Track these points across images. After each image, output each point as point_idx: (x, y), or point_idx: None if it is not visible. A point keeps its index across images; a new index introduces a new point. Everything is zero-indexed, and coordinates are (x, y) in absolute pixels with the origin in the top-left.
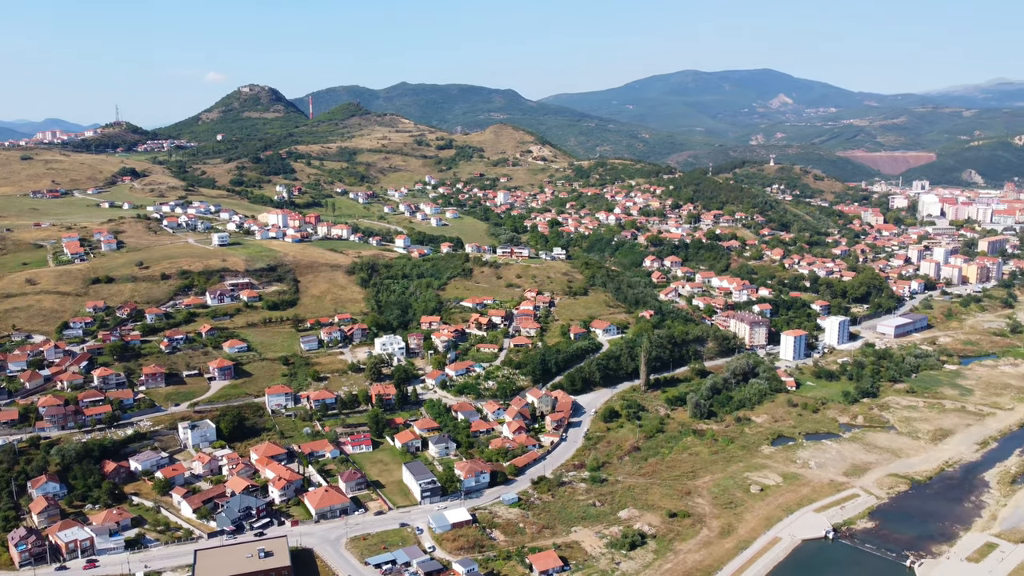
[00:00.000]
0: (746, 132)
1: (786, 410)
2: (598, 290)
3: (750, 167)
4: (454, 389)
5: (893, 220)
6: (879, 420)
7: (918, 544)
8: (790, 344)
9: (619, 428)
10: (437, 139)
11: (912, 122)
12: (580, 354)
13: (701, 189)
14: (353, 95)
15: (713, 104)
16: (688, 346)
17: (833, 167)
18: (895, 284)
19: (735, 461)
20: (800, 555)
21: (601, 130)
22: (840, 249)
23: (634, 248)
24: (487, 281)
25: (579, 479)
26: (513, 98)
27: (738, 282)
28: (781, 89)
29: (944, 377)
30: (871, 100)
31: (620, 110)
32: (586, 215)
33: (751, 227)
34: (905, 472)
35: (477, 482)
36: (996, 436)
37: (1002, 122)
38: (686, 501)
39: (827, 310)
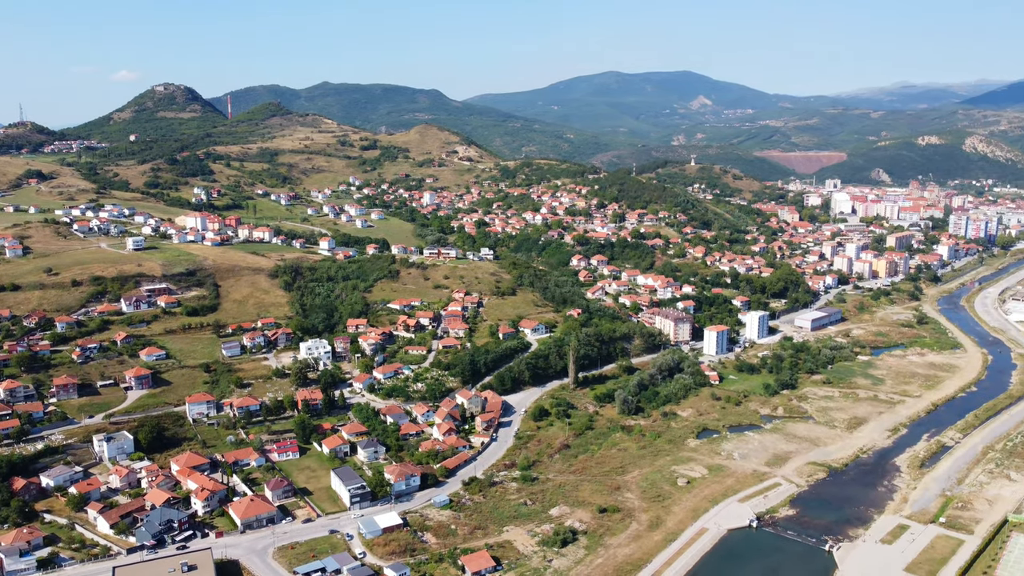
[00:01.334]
0: (668, 132)
1: (710, 404)
2: (526, 290)
3: (672, 167)
4: (382, 392)
5: (808, 218)
6: (798, 411)
7: (836, 529)
8: (713, 339)
9: (549, 426)
10: (361, 140)
11: (824, 123)
12: (509, 354)
13: (626, 189)
14: (274, 95)
15: (636, 105)
16: (615, 343)
17: (751, 167)
18: (811, 279)
19: (662, 455)
20: (726, 544)
21: (527, 130)
22: (759, 246)
23: (561, 247)
24: (414, 282)
25: (510, 478)
26: (438, 98)
27: (663, 280)
28: (701, 91)
29: (857, 368)
30: (786, 102)
31: (545, 111)
32: (513, 215)
33: (674, 226)
34: (823, 460)
35: (408, 485)
36: (906, 423)
37: (906, 123)
38: (616, 496)
39: (747, 305)
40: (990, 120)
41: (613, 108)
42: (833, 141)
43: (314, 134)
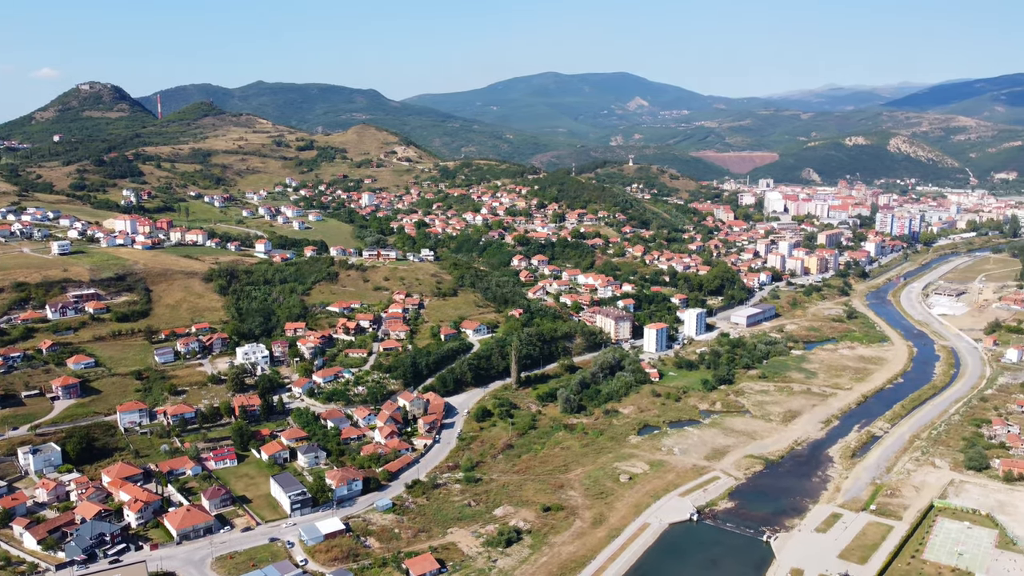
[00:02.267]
0: (606, 133)
1: (651, 400)
2: (467, 290)
3: (611, 167)
4: (323, 396)
5: (742, 216)
6: (735, 405)
7: (773, 520)
8: (653, 337)
9: (492, 427)
10: (297, 140)
11: (757, 124)
12: (451, 355)
13: (565, 189)
14: (206, 94)
15: (574, 106)
16: (557, 343)
17: (687, 167)
18: (746, 276)
19: (605, 452)
20: (668, 538)
21: (466, 131)
22: (696, 245)
23: (502, 248)
24: (354, 284)
25: (454, 480)
26: (376, 98)
27: (603, 279)
28: (637, 92)
29: (791, 362)
30: (720, 103)
31: (484, 111)
32: (453, 216)
33: (614, 225)
34: (760, 453)
35: (349, 490)
36: (838, 414)
37: (834, 124)
38: (559, 494)
39: (686, 303)
40: (912, 121)
41: (552, 108)
42: (765, 142)
43: (249, 134)
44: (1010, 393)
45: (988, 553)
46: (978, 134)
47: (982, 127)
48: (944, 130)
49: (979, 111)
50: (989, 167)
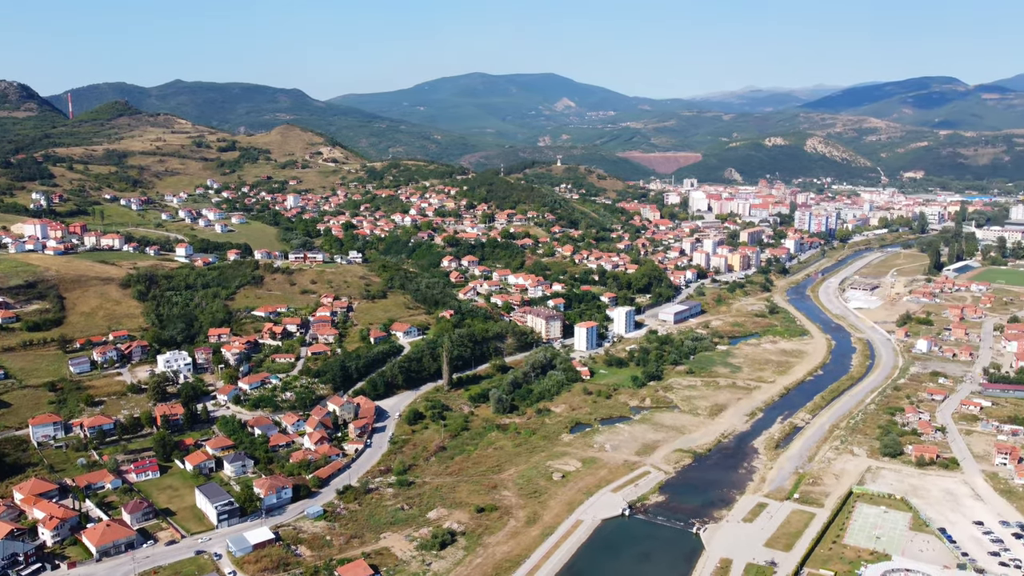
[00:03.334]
0: (534, 134)
1: (582, 398)
2: (397, 292)
3: (539, 167)
4: (249, 403)
5: (668, 215)
6: (665, 401)
7: (702, 512)
8: (583, 335)
9: (424, 429)
10: (219, 140)
11: (681, 125)
12: (381, 358)
13: (494, 189)
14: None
15: (502, 106)
16: (489, 343)
17: (614, 167)
18: (672, 274)
19: (538, 451)
20: (601, 534)
21: (393, 131)
22: (624, 244)
23: (431, 249)
24: (280, 288)
25: (386, 484)
26: (300, 98)
27: (533, 278)
28: (564, 93)
29: (717, 357)
30: (645, 104)
31: (411, 111)
32: (381, 217)
33: (543, 225)
34: (688, 447)
35: (279, 498)
36: (762, 407)
37: (755, 125)
38: (493, 495)
39: (615, 301)
40: (827, 123)
41: (479, 109)
42: (689, 142)
43: (167, 135)
44: (921, 382)
45: (903, 535)
46: (888, 135)
47: (891, 128)
48: (857, 131)
49: (889, 113)
50: (899, 166)
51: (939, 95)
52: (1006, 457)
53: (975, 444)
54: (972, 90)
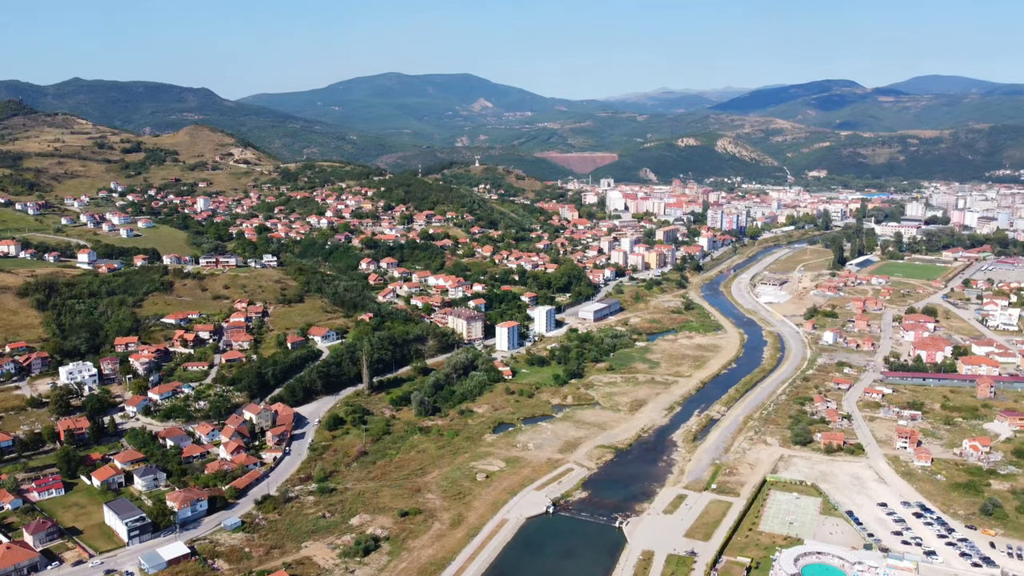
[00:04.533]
0: (452, 134)
1: (505, 398)
2: (314, 296)
3: (457, 168)
4: (160, 414)
5: (586, 215)
6: (586, 398)
7: (624, 506)
8: (505, 335)
9: (345, 435)
10: (122, 141)
11: (597, 126)
12: (299, 363)
13: (412, 190)
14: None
15: (418, 107)
16: (409, 345)
17: (532, 167)
18: (591, 273)
19: (461, 453)
20: (525, 532)
21: (307, 132)
22: (543, 243)
23: (349, 251)
24: (191, 294)
25: (306, 492)
26: (209, 98)
27: (453, 279)
28: (481, 93)
29: (636, 353)
30: (561, 105)
31: (326, 111)
32: (297, 219)
33: (462, 226)
34: (610, 443)
35: (194, 511)
36: (680, 401)
37: (668, 126)
38: (417, 498)
39: (535, 301)
40: (736, 124)
41: (396, 109)
42: (605, 143)
43: (66, 135)
44: (828, 372)
45: (814, 519)
46: (793, 136)
47: (796, 129)
48: (764, 132)
49: (794, 114)
50: (804, 166)
51: (839, 97)
52: (906, 441)
53: (878, 430)
54: (870, 93)
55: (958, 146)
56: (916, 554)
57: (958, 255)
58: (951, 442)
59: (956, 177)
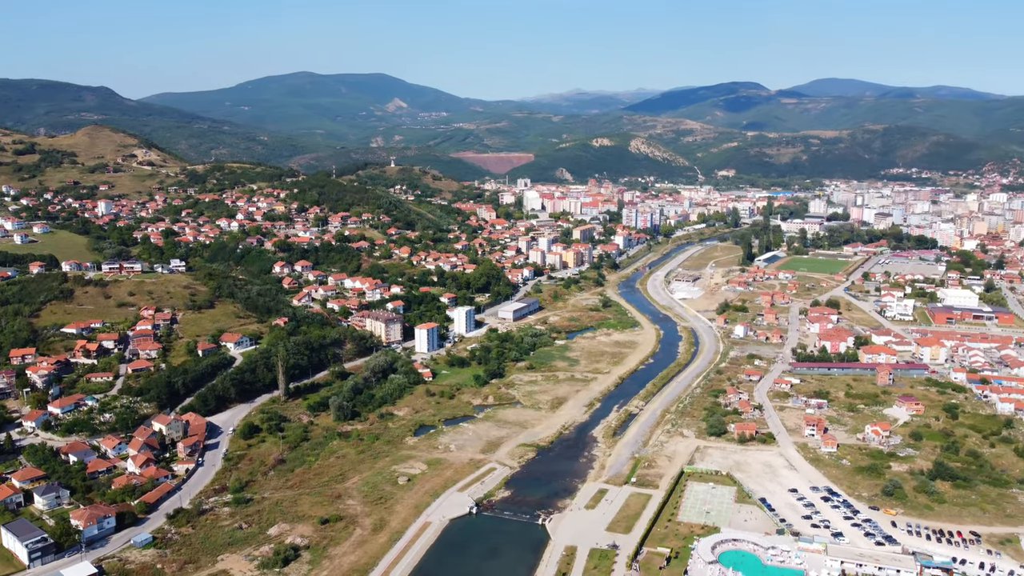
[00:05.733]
0: (366, 135)
1: (425, 400)
2: (226, 301)
3: (373, 169)
4: (61, 429)
5: (504, 215)
6: (507, 397)
7: (547, 503)
8: (424, 337)
9: (261, 443)
10: (14, 143)
11: (513, 126)
12: (211, 371)
13: (327, 192)
14: None
15: (332, 107)
16: (327, 350)
17: (449, 167)
18: (510, 273)
19: (382, 456)
20: (449, 534)
21: (216, 132)
22: (461, 244)
23: (262, 255)
24: (93, 302)
25: (222, 503)
26: (109, 97)
27: (370, 282)
28: (396, 93)
29: (556, 352)
30: (477, 106)
31: (235, 111)
32: (206, 223)
33: (379, 227)
34: (532, 441)
35: (101, 529)
36: (599, 397)
37: (582, 127)
38: (337, 505)
39: (454, 302)
40: (649, 124)
41: (308, 109)
42: (521, 143)
43: None
44: (740, 365)
45: (729, 508)
46: (703, 136)
47: (706, 130)
48: (675, 132)
49: (703, 116)
50: (713, 165)
51: (746, 99)
52: (814, 429)
53: (787, 419)
54: (773, 95)
55: (856, 146)
56: (825, 536)
57: (858, 250)
58: (855, 428)
59: (854, 175)
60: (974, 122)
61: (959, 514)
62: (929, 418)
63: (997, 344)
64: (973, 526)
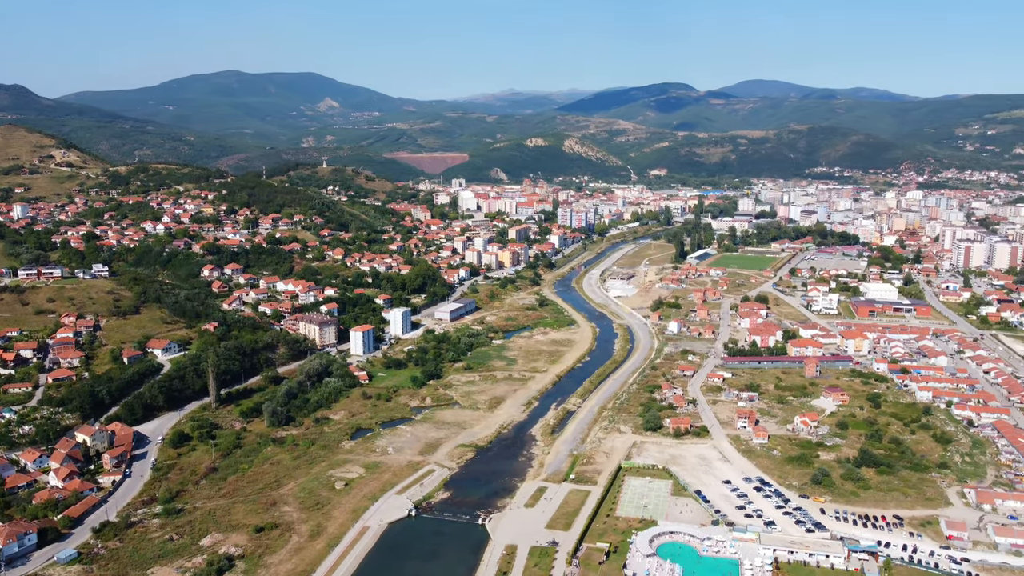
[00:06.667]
0: (297, 135)
1: (362, 403)
2: (152, 307)
3: (304, 169)
4: None
5: (439, 215)
6: (445, 398)
7: (487, 503)
8: (359, 339)
9: (192, 451)
10: None
11: (447, 126)
12: (138, 379)
13: (257, 193)
14: None
15: (260, 106)
16: (259, 354)
17: (383, 168)
18: (446, 273)
19: (318, 461)
20: (388, 538)
21: (139, 132)
22: (396, 245)
23: (189, 258)
24: (9, 310)
25: (151, 515)
26: (23, 95)
27: (303, 284)
28: (327, 93)
29: (493, 351)
30: (410, 105)
31: (159, 111)
32: (129, 226)
33: (311, 229)
34: (470, 441)
35: (21, 546)
36: (537, 396)
37: (517, 127)
38: (272, 512)
39: (390, 303)
40: (582, 124)
41: (236, 109)
42: (456, 143)
43: None
44: (674, 360)
45: (666, 501)
46: (635, 136)
47: (638, 130)
48: (608, 132)
49: (635, 116)
50: (646, 165)
51: (676, 100)
52: (746, 421)
53: (720, 412)
54: (703, 96)
55: (781, 146)
56: (758, 525)
57: (785, 246)
58: (784, 419)
59: (781, 174)
60: (891, 123)
61: (883, 499)
62: (854, 408)
63: (916, 335)
64: (896, 510)
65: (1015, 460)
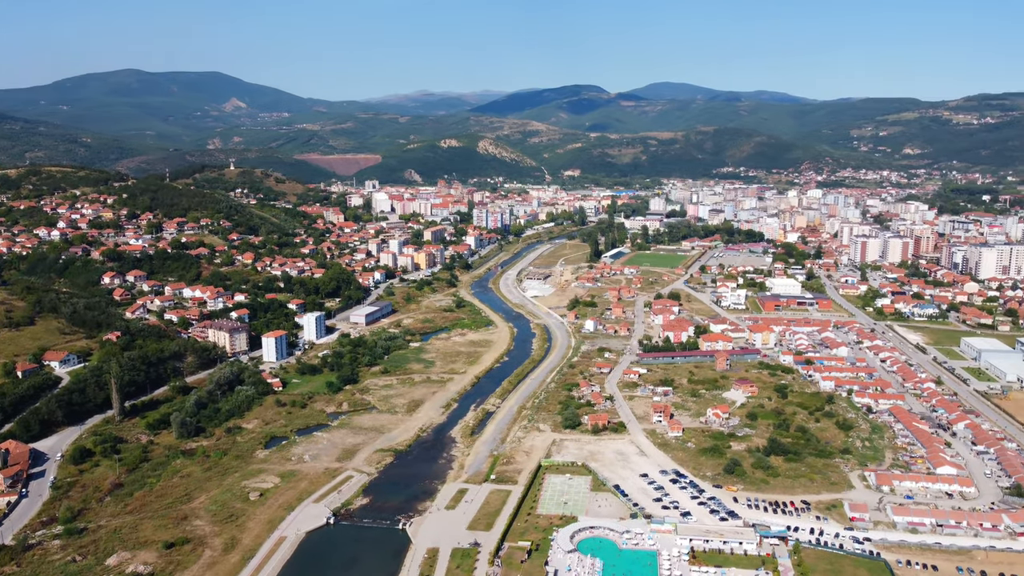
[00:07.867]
0: (202, 136)
1: (276, 411)
2: (48, 317)
3: (211, 171)
4: None
5: (352, 217)
6: (362, 403)
7: (407, 507)
8: (272, 345)
9: (95, 467)
10: None
11: (359, 127)
12: (33, 393)
13: (160, 196)
14: None
15: (163, 107)
16: (166, 364)
17: (293, 169)
18: (361, 276)
19: (230, 472)
20: (306, 547)
21: (30, 133)
22: (308, 248)
23: (88, 265)
24: None
25: (51, 536)
26: None
27: (212, 290)
28: (233, 93)
29: (411, 354)
30: (320, 106)
31: (52, 111)
32: (21, 232)
33: (219, 233)
34: (389, 446)
35: None
36: (456, 397)
37: (430, 128)
38: (183, 527)
39: (303, 308)
40: (496, 125)
41: (137, 109)
42: (368, 144)
43: None
44: (591, 358)
45: (586, 497)
46: (548, 137)
47: (551, 131)
48: (522, 133)
49: (548, 117)
50: (559, 165)
51: (588, 101)
52: (661, 415)
53: (637, 407)
54: (613, 98)
55: (690, 146)
56: (674, 516)
57: (695, 244)
58: (698, 412)
59: (690, 174)
60: (792, 124)
61: (791, 486)
62: (763, 399)
63: (818, 327)
64: (804, 495)
65: (910, 443)
